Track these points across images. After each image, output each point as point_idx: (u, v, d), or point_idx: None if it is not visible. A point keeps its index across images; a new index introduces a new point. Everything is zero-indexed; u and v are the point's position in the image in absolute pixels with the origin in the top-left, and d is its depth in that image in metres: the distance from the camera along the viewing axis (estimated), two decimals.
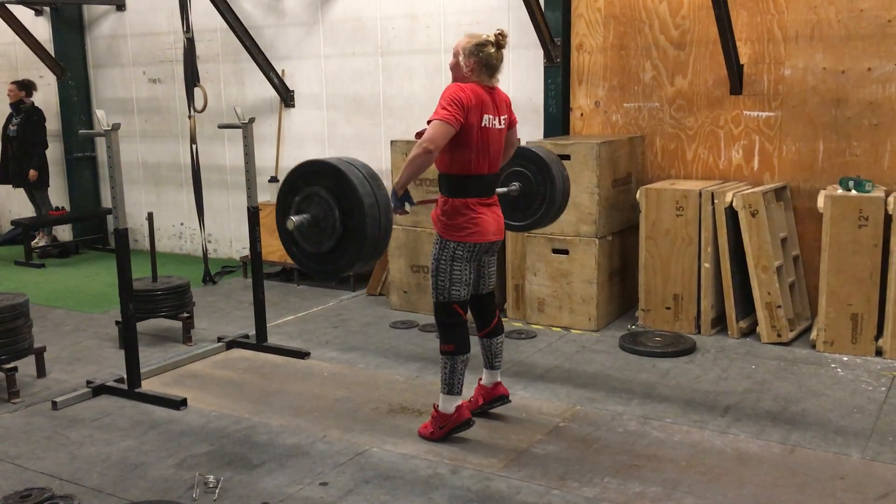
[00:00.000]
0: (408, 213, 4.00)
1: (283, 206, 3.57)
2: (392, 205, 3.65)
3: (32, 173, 8.86)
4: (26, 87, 8.96)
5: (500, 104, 3.99)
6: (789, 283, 5.69)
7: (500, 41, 3.90)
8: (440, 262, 3.96)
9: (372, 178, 3.44)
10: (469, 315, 4.12)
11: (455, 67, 3.92)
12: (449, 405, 4.05)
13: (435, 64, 7.20)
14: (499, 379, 4.35)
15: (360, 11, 7.49)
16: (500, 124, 3.96)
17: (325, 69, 7.80)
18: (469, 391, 4.35)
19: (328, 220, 3.41)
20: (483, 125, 3.85)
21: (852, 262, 5.19)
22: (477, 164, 3.89)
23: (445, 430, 4.07)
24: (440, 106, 3.76)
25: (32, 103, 9.01)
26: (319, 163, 3.51)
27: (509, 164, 4.40)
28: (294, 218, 3.43)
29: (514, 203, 4.57)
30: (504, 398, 4.34)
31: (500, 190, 4.31)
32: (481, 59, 3.85)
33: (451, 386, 4.02)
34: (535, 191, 4.54)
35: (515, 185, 4.54)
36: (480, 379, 4.39)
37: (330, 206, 3.40)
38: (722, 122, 6.14)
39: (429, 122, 3.77)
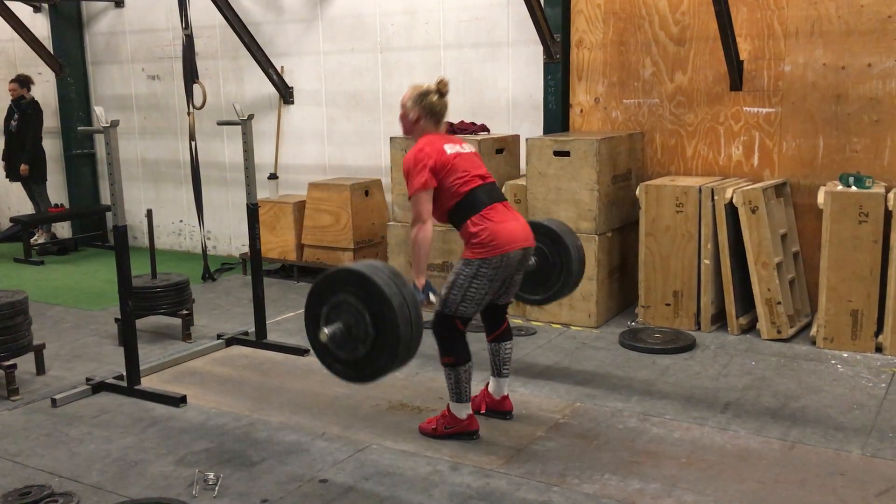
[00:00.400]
0: (433, 303, 3.96)
1: (313, 318, 3.50)
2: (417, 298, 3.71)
3: (23, 167, 8.84)
4: (25, 83, 8.95)
5: (457, 140, 4.10)
6: (789, 280, 5.69)
7: (441, 89, 4.02)
8: (459, 277, 3.89)
9: (395, 276, 3.41)
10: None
11: (403, 118, 4.06)
12: (461, 412, 4.04)
13: (434, 60, 7.19)
14: (506, 392, 4.33)
15: (359, 7, 7.48)
16: (466, 149, 4.05)
17: (325, 66, 7.79)
18: (474, 389, 4.33)
19: (360, 326, 3.36)
20: (452, 153, 3.94)
21: (852, 258, 5.18)
22: (468, 182, 3.93)
23: (451, 431, 4.06)
24: (408, 180, 3.87)
25: (32, 98, 9.00)
26: (343, 270, 3.47)
27: None
28: (326, 329, 3.39)
29: (532, 278, 4.57)
30: (508, 414, 4.32)
31: None
32: (425, 108, 3.99)
33: (459, 395, 4.02)
34: (552, 263, 4.54)
35: (532, 260, 4.49)
36: (487, 385, 4.37)
37: (359, 311, 3.36)
38: (722, 118, 6.13)
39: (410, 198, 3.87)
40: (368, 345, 3.35)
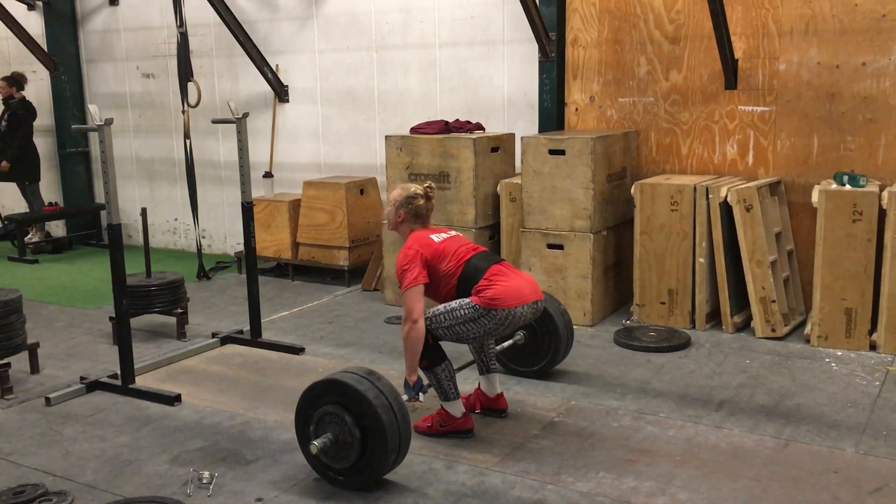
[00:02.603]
0: (422, 401, 4.05)
1: (303, 436, 3.66)
2: (406, 395, 3.79)
3: (4, 164, 8.76)
4: (16, 82, 8.90)
5: (442, 230, 4.18)
6: (784, 278, 5.70)
7: (428, 193, 4.13)
8: (459, 311, 3.88)
9: (369, 374, 3.55)
10: None
11: (388, 215, 4.18)
12: (455, 410, 4.05)
13: (429, 58, 7.19)
14: (500, 390, 4.34)
15: (354, 6, 7.47)
16: (452, 234, 4.15)
17: (320, 64, 7.78)
18: (468, 388, 4.34)
19: (345, 431, 3.49)
20: (439, 241, 4.02)
21: (846, 256, 5.20)
22: (461, 256, 3.99)
23: (446, 429, 4.07)
24: (401, 279, 3.93)
25: (22, 98, 8.93)
26: (317, 384, 3.61)
27: None
28: (316, 442, 3.51)
29: (520, 351, 4.72)
30: (503, 412, 4.32)
31: (504, 344, 4.51)
32: (410, 211, 4.10)
33: (446, 393, 4.02)
34: (540, 341, 4.68)
35: (520, 335, 4.64)
36: (479, 385, 4.37)
37: (340, 416, 3.49)
38: (717, 116, 6.14)
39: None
40: (358, 447, 3.47)
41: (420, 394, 3.96)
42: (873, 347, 5.21)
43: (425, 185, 4.18)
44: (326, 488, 3.61)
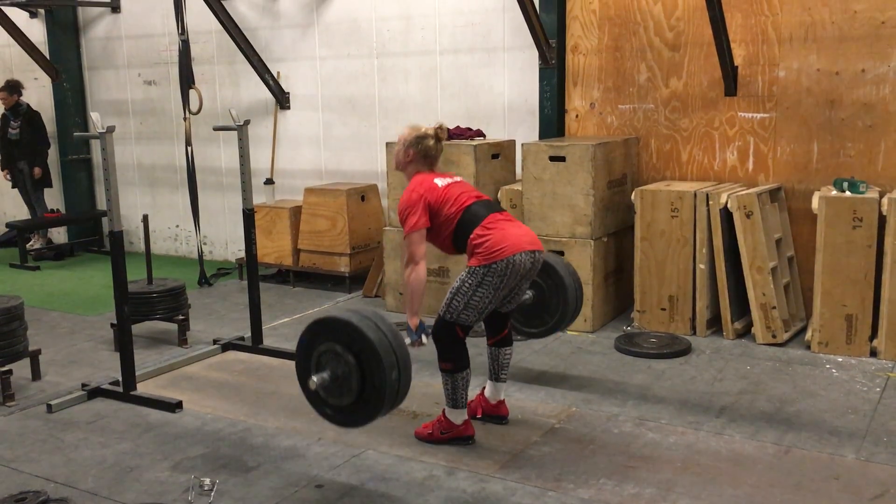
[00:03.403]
0: (424, 344, 4.00)
1: (303, 368, 3.56)
2: (409, 339, 3.75)
3: (37, 170, 8.87)
4: (14, 89, 8.91)
5: (448, 175, 4.15)
6: (784, 284, 5.70)
7: (438, 134, 4.09)
8: (463, 285, 3.90)
9: (380, 320, 3.46)
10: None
11: (397, 155, 4.13)
12: (457, 418, 4.05)
13: (430, 65, 7.21)
14: (503, 397, 4.34)
15: (355, 13, 7.50)
16: (457, 179, 4.12)
17: (321, 71, 7.80)
18: (471, 394, 4.34)
19: (346, 373, 3.42)
20: (443, 185, 4.00)
21: (847, 262, 5.20)
22: (463, 203, 3.98)
23: (447, 436, 4.07)
24: (403, 221, 3.93)
25: (28, 104, 8.99)
26: (328, 319, 3.52)
27: None
28: (315, 377, 3.46)
29: (529, 311, 4.63)
30: (503, 419, 4.33)
31: (513, 306, 4.35)
32: (420, 151, 4.05)
33: (455, 401, 4.02)
34: (547, 302, 4.58)
35: (529, 294, 4.53)
36: (483, 388, 4.38)
37: (345, 358, 3.41)
38: (717, 123, 6.15)
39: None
40: (356, 391, 3.41)
41: (423, 336, 3.93)
42: (874, 353, 5.22)
43: (437, 125, 4.11)
44: (328, 495, 3.62)
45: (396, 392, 3.41)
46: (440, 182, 4.02)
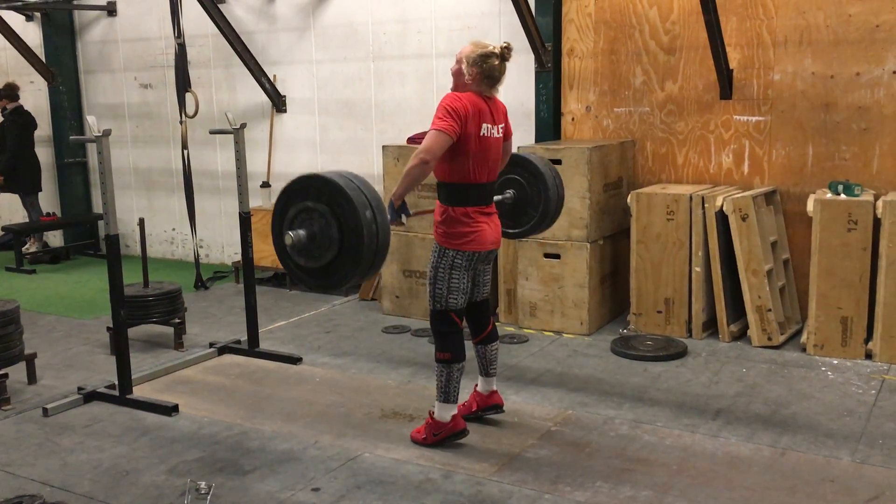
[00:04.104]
0: (404, 224, 4.02)
1: (279, 221, 3.50)
2: (388, 216, 3.63)
3: None
4: (6, 93, 8.86)
5: (498, 114, 4.00)
6: (779, 287, 5.72)
7: (504, 54, 3.88)
8: (438, 271, 3.96)
9: (367, 188, 3.40)
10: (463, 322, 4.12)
11: (457, 74, 3.91)
12: (445, 413, 4.05)
13: (426, 69, 7.22)
14: (494, 387, 4.35)
15: (351, 17, 7.50)
16: (497, 133, 3.97)
17: (317, 74, 7.81)
18: (464, 395, 4.35)
19: (325, 233, 3.35)
20: (481, 134, 3.86)
21: (842, 265, 5.22)
22: (475, 173, 3.91)
23: (439, 437, 4.07)
24: (437, 116, 3.77)
25: (15, 108, 8.90)
26: (314, 177, 3.45)
27: (503, 172, 4.40)
28: (291, 233, 3.40)
29: (508, 210, 4.56)
30: (498, 407, 4.35)
31: (495, 197, 4.30)
32: (484, 71, 3.85)
33: (447, 394, 4.03)
34: (530, 198, 4.51)
35: (510, 193, 4.52)
36: (476, 386, 4.39)
37: (326, 218, 3.34)
38: (712, 126, 6.17)
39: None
40: (332, 254, 3.35)
41: (403, 216, 3.92)
42: (869, 356, 5.23)
43: (504, 44, 3.90)
44: (324, 498, 3.62)
45: (376, 234, 3.31)
46: (483, 129, 3.84)
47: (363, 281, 3.43)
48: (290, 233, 3.40)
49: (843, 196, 5.27)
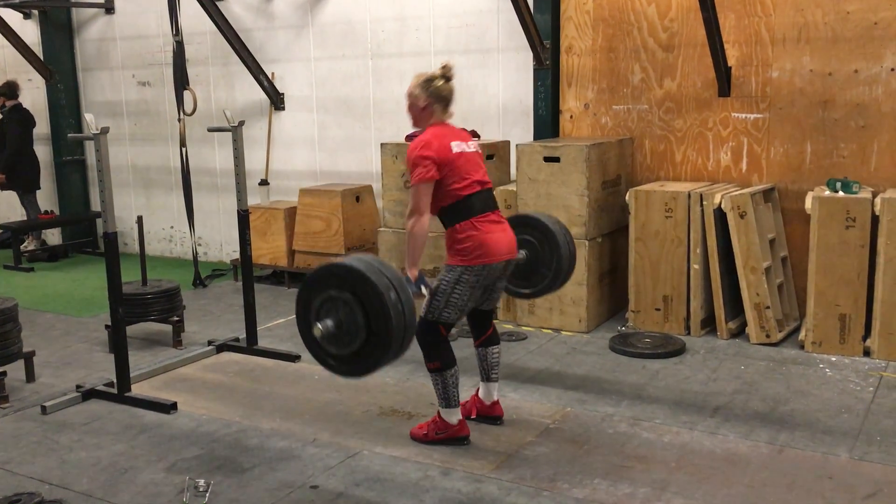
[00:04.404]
0: (425, 296, 3.94)
1: (305, 314, 3.48)
2: (409, 290, 3.64)
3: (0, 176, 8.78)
4: (6, 91, 8.86)
5: (466, 136, 4.08)
6: (778, 284, 5.72)
7: (446, 73, 4.00)
8: (442, 283, 3.91)
9: (387, 269, 3.39)
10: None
11: (412, 107, 4.02)
12: (451, 417, 4.06)
13: (425, 66, 7.13)
14: (496, 397, 4.34)
15: (349, 14, 7.50)
16: (471, 148, 4.03)
17: (315, 72, 7.80)
18: (464, 395, 4.35)
19: (351, 321, 3.32)
20: (456, 151, 3.91)
21: (840, 262, 5.22)
22: (468, 186, 3.92)
23: (442, 437, 4.07)
24: (411, 171, 3.86)
25: (14, 106, 8.89)
26: (335, 266, 3.44)
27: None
28: (319, 325, 3.39)
29: (521, 271, 4.55)
30: (498, 419, 4.33)
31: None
32: (433, 93, 3.95)
33: (448, 400, 4.02)
34: (542, 257, 4.51)
35: (522, 254, 4.47)
36: (478, 391, 4.38)
37: (351, 306, 3.33)
38: (710, 123, 6.17)
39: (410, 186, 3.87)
40: (361, 340, 3.32)
41: (423, 286, 3.89)
42: (867, 353, 5.24)
43: (442, 64, 4.02)
44: (323, 496, 3.62)
45: (402, 314, 3.29)
46: (455, 147, 3.90)
47: (396, 358, 3.43)
48: (318, 324, 3.37)
49: (841, 193, 5.28)
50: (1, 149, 8.81)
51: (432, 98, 3.96)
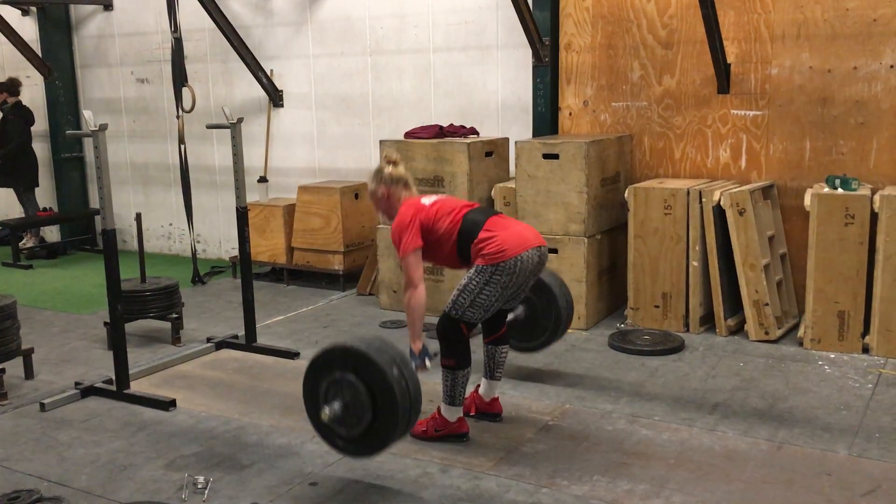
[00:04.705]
0: (428, 369, 3.94)
1: (313, 398, 3.55)
2: (413, 364, 3.70)
3: None
4: (8, 87, 8.86)
5: (430, 195, 4.19)
6: (777, 281, 5.72)
7: (390, 159, 4.15)
8: (471, 282, 3.89)
9: (389, 346, 3.46)
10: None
11: (381, 201, 4.14)
12: (452, 415, 4.06)
13: (423, 63, 7.21)
14: (496, 394, 4.35)
15: (348, 11, 7.49)
16: (439, 196, 4.14)
17: (314, 69, 7.79)
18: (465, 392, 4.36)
19: (358, 402, 3.39)
20: (430, 203, 4.02)
21: (839, 259, 5.22)
22: (458, 213, 3.99)
23: (441, 433, 4.07)
24: (398, 246, 3.94)
25: (15, 103, 8.90)
26: (336, 348, 3.51)
27: None
28: (326, 408, 3.44)
29: (522, 326, 4.65)
30: (497, 416, 4.33)
31: (507, 318, 4.37)
32: (386, 181, 4.09)
33: (453, 398, 4.03)
34: (540, 309, 4.61)
35: (521, 310, 4.57)
36: (478, 387, 4.38)
37: (356, 387, 3.39)
38: (709, 120, 6.17)
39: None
40: (368, 419, 3.40)
41: (426, 360, 3.91)
42: (866, 350, 5.24)
43: (383, 155, 4.15)
44: (322, 492, 3.62)
45: (407, 390, 3.38)
46: (427, 201, 4.05)
47: (407, 431, 3.52)
48: (326, 407, 3.44)
49: (840, 190, 5.27)
50: (1, 145, 8.80)
51: (388, 184, 4.10)
